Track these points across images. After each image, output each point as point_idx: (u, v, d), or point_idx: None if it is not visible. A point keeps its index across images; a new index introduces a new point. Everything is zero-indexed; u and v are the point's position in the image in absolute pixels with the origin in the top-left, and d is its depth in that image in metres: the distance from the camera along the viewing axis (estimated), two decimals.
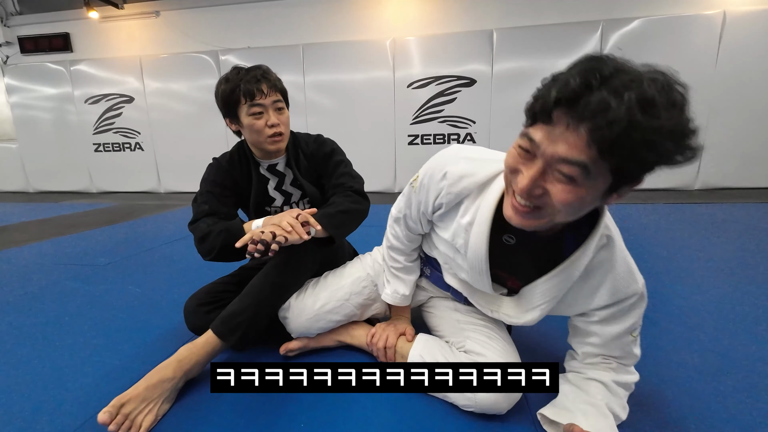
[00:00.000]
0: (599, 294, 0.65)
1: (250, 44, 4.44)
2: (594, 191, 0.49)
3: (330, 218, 0.94)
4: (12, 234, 2.70)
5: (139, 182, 5.03)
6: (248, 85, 0.97)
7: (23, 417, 0.78)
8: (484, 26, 3.98)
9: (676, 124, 0.43)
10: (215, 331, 0.85)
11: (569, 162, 0.47)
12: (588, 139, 0.44)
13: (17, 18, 4.88)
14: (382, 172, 4.40)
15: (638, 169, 0.47)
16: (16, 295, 1.48)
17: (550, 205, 0.51)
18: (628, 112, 0.42)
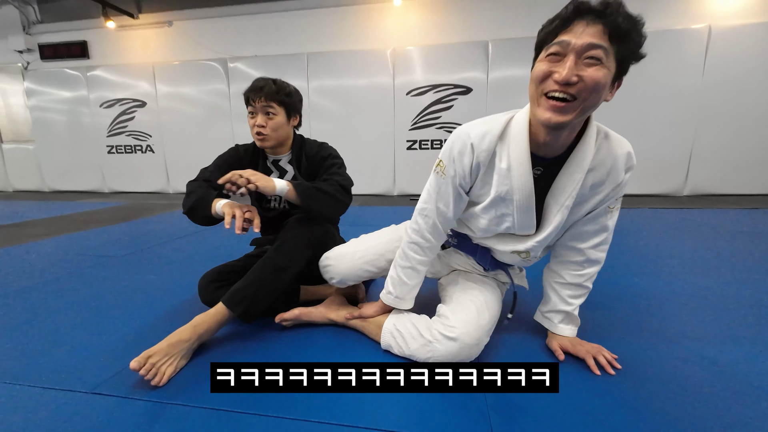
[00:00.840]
0: (603, 187, 0.83)
1: (257, 53, 4.66)
2: (609, 74, 0.68)
3: (304, 188, 1.08)
4: (33, 228, 2.90)
5: (149, 183, 5.25)
6: (249, 93, 1.21)
7: (69, 370, 0.95)
8: (480, 37, 4.17)
9: (640, 30, 0.68)
10: (224, 302, 1.01)
11: (595, 46, 0.65)
12: (604, 29, 0.65)
13: (39, 26, 5.15)
14: (382, 176, 4.57)
15: (629, 57, 0.69)
16: (47, 279, 1.66)
17: (583, 91, 0.67)
18: (628, 14, 0.66)
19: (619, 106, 3.94)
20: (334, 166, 1.24)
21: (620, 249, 2.03)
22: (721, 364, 0.93)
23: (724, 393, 0.82)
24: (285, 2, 4.52)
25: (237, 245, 2.16)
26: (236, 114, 4.77)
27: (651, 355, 0.98)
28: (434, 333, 0.91)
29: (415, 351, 0.93)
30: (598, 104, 0.72)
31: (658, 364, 0.94)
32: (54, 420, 0.77)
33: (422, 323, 0.96)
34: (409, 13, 4.35)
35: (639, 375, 0.89)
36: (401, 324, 0.98)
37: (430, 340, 0.91)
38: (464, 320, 0.91)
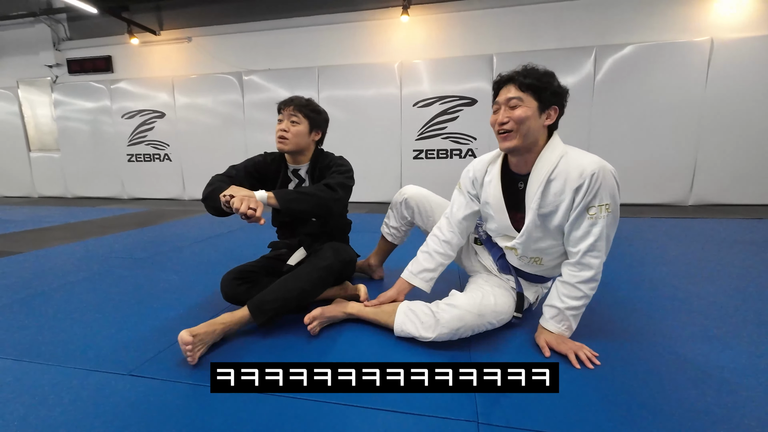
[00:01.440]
0: (563, 195, 1.01)
1: (270, 66, 4.87)
2: (531, 108, 1.00)
3: (285, 194, 1.17)
4: (60, 232, 3.09)
5: (166, 190, 5.47)
6: (281, 103, 1.39)
7: (108, 355, 1.08)
8: (485, 51, 4.30)
9: (550, 79, 1.02)
10: (250, 309, 1.13)
11: (512, 98, 1.01)
12: (515, 86, 1.02)
13: (67, 43, 5.47)
14: (389, 184, 4.70)
15: (545, 97, 1.00)
16: (77, 279, 1.81)
17: (515, 123, 1.00)
18: (531, 72, 1.01)
19: (623, 116, 4.04)
20: (334, 172, 1.34)
21: (612, 256, 2.10)
22: (691, 361, 1.01)
23: (689, 385, 0.90)
24: (297, 18, 4.74)
25: (250, 249, 2.30)
26: (249, 123, 4.97)
27: (629, 354, 1.06)
28: (440, 305, 1.11)
29: (425, 323, 1.09)
30: (537, 128, 1.02)
31: (632, 361, 1.02)
32: (98, 397, 0.89)
33: (432, 305, 1.13)
34: (416, 28, 4.52)
35: (618, 371, 0.97)
36: (414, 305, 1.15)
37: (436, 311, 1.09)
38: (468, 297, 1.13)
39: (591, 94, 4.10)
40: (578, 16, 4.13)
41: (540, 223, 1.06)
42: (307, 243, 1.42)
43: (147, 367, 1.01)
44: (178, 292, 1.61)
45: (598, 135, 4.17)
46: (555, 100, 1.02)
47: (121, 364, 1.02)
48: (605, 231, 0.99)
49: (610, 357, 1.03)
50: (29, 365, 1.03)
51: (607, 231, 1.00)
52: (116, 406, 0.85)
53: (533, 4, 4.19)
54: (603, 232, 0.99)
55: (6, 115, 5.82)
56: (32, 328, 1.27)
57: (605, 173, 0.96)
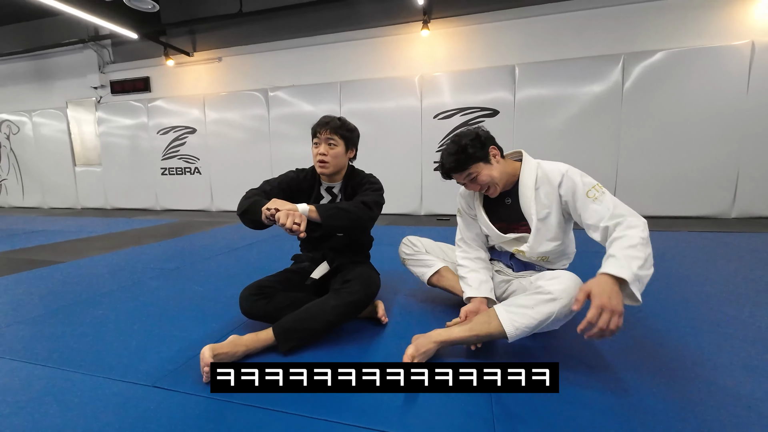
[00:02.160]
0: (551, 194, 1.18)
1: (294, 82, 5.05)
2: (486, 168, 1.21)
3: (326, 209, 1.20)
4: (98, 243, 3.28)
5: (195, 201, 5.73)
6: (316, 127, 1.39)
7: (135, 365, 1.12)
8: (507, 62, 4.27)
9: (463, 145, 1.19)
10: (276, 335, 1.14)
11: (467, 177, 1.23)
12: (457, 173, 1.23)
13: (111, 66, 5.92)
14: (409, 196, 4.70)
15: (476, 155, 1.19)
16: (112, 288, 1.91)
17: (485, 184, 1.22)
18: (450, 161, 1.21)
19: (654, 125, 3.87)
20: (367, 189, 1.38)
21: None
22: (730, 392, 0.93)
23: (727, 418, 0.83)
24: (320, 36, 4.90)
25: (274, 261, 2.35)
26: (274, 137, 5.14)
27: (659, 379, 0.99)
28: (538, 285, 1.05)
29: (535, 305, 1.00)
30: (500, 170, 1.24)
31: (662, 388, 0.95)
32: (123, 408, 0.92)
33: (528, 293, 1.06)
34: (436, 42, 4.56)
35: (646, 396, 0.91)
36: (506, 303, 1.07)
37: (540, 288, 1.03)
38: (552, 272, 1.14)
39: (620, 102, 3.96)
40: (604, 23, 4.03)
41: (541, 226, 1.20)
42: (330, 257, 1.44)
43: (170, 379, 1.04)
44: (203, 303, 1.66)
45: (628, 144, 4.01)
46: (486, 147, 1.20)
47: (147, 375, 1.06)
48: (614, 200, 1.09)
49: (639, 381, 0.96)
50: (64, 373, 1.09)
51: (614, 199, 1.09)
52: (139, 418, 0.88)
53: (556, 13, 4.13)
54: (613, 199, 1.09)
55: (56, 132, 6.32)
56: (68, 336, 1.35)
57: (573, 169, 1.18)
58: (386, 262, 1.83)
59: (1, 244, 3.26)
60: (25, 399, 0.97)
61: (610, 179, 4.11)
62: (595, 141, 4.09)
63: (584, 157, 4.12)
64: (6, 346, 1.28)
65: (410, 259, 1.57)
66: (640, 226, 1.00)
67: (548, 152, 4.14)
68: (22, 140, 6.60)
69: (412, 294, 1.70)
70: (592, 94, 4.02)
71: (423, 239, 1.61)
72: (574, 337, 1.04)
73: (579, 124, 4.09)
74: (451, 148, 1.21)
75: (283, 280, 1.39)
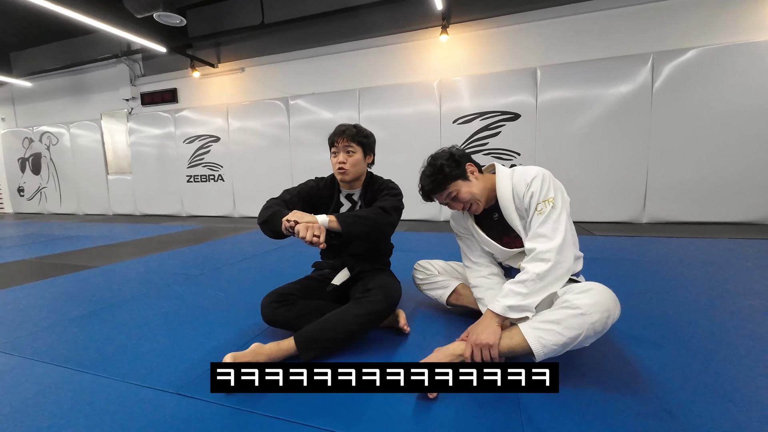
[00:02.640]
0: (525, 198, 1.16)
1: (314, 90, 5.13)
2: (465, 186, 1.22)
3: (345, 218, 1.20)
4: (129, 248, 3.41)
5: (219, 208, 5.88)
6: (334, 136, 1.40)
7: (160, 371, 1.14)
8: (528, 64, 4.19)
9: (440, 167, 1.23)
10: (297, 344, 1.13)
11: (448, 196, 1.25)
12: (437, 193, 1.26)
13: (141, 78, 6.21)
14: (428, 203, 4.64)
15: (454, 174, 1.22)
16: (139, 294, 1.97)
17: (467, 201, 1.23)
18: (428, 184, 1.26)
19: (687, 126, 3.69)
20: (386, 195, 1.38)
21: (682, 282, 1.87)
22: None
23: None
24: (339, 45, 4.97)
25: (295, 267, 2.36)
26: (294, 144, 5.23)
27: (697, 400, 0.91)
28: (566, 299, 0.97)
29: (564, 320, 0.94)
30: (479, 186, 1.25)
31: (700, 408, 0.87)
32: (148, 415, 0.93)
33: (553, 308, 1.00)
34: (455, 46, 4.53)
35: (680, 414, 0.84)
36: (531, 322, 1.00)
37: (568, 303, 0.96)
38: (585, 283, 1.05)
39: (649, 103, 3.79)
40: (631, 22, 3.89)
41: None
42: (351, 263, 1.43)
43: (193, 386, 1.05)
44: (227, 309, 1.68)
45: (659, 147, 3.83)
46: (462, 165, 1.23)
47: (170, 382, 1.07)
48: (558, 221, 1.08)
49: (676, 401, 0.89)
50: (93, 377, 1.12)
51: (558, 220, 1.08)
52: (163, 425, 0.89)
53: (579, 14, 4.03)
54: (556, 221, 1.08)
55: (91, 143, 6.67)
56: (98, 340, 1.39)
57: (538, 174, 1.14)
58: (407, 269, 1.80)
59: (39, 249, 3.44)
60: (54, 402, 0.99)
61: (639, 184, 3.93)
62: (623, 144, 3.92)
63: (611, 161, 3.96)
64: (41, 349, 1.33)
65: (425, 284, 1.56)
66: (545, 261, 1.04)
67: (573, 156, 4.01)
68: (60, 151, 7.00)
69: (434, 303, 1.66)
70: (619, 96, 3.87)
71: (434, 261, 1.60)
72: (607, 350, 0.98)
73: (605, 126, 3.94)
74: (427, 170, 1.25)
75: (303, 287, 1.39)
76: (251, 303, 1.72)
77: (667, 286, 1.84)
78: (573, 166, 4.03)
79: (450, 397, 0.96)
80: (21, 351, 1.32)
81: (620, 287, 1.82)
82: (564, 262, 1.05)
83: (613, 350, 1.19)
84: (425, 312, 1.59)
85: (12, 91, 7.41)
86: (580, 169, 4.04)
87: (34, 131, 7.21)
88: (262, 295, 1.37)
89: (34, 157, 7.30)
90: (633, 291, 1.78)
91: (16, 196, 7.70)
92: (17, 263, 2.86)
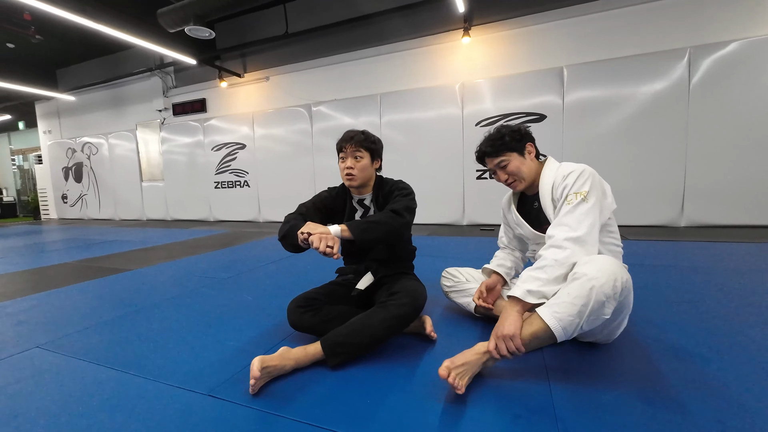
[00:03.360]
0: (558, 188, 1.19)
1: (336, 97, 5.20)
2: (516, 159, 1.27)
3: (357, 224, 1.21)
4: (160, 252, 3.56)
5: (244, 213, 6.05)
6: (342, 142, 1.43)
7: (193, 372, 1.17)
8: (554, 64, 4.08)
9: (503, 133, 1.29)
10: (324, 350, 1.14)
11: (498, 162, 1.30)
12: (491, 157, 1.30)
13: (173, 90, 6.52)
14: (451, 206, 4.59)
15: (512, 145, 1.26)
16: (172, 296, 2.04)
17: (512, 175, 1.29)
18: (486, 144, 1.31)
19: (728, 123, 3.47)
20: (397, 196, 1.38)
21: (729, 290, 1.74)
22: None
23: None
24: (361, 51, 5.03)
25: (319, 272, 2.39)
26: (317, 149, 5.32)
27: (755, 429, 0.83)
28: (574, 271, 1.00)
29: (576, 291, 0.94)
30: (529, 167, 1.28)
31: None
32: (181, 416, 0.95)
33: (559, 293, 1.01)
34: (478, 48, 4.47)
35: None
36: (547, 303, 0.99)
37: (573, 275, 0.98)
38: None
39: (686, 100, 3.60)
40: (664, 16, 3.71)
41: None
42: (374, 268, 1.42)
43: (224, 388, 1.07)
44: (254, 312, 1.71)
45: (697, 146, 3.62)
46: (523, 141, 1.27)
47: (202, 384, 1.10)
48: (584, 215, 1.08)
49: (732, 422, 0.82)
50: (129, 377, 1.16)
51: (586, 213, 1.08)
52: (196, 427, 0.90)
53: (607, 10, 3.89)
54: (581, 214, 1.08)
55: (127, 152, 7.05)
56: (134, 341, 1.44)
57: (580, 169, 1.16)
58: (429, 274, 1.77)
59: (80, 253, 3.64)
60: (97, 400, 1.04)
61: (677, 186, 3.72)
62: (658, 144, 3.73)
63: (645, 162, 3.77)
64: (81, 348, 1.40)
65: (452, 291, 1.56)
66: (562, 249, 1.05)
67: (603, 157, 3.86)
68: (99, 160, 7.44)
69: (460, 308, 1.62)
70: (653, 93, 3.69)
71: (462, 269, 1.60)
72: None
73: (638, 126, 3.77)
74: (491, 134, 1.31)
75: (328, 292, 1.39)
76: (277, 306, 1.75)
77: (711, 295, 1.72)
78: (603, 167, 3.80)
79: (482, 408, 0.93)
80: (65, 350, 1.39)
81: (659, 295, 1.73)
82: (581, 255, 1.03)
83: (656, 362, 1.12)
84: (452, 318, 1.56)
85: (58, 105, 7.96)
86: (611, 171, 3.87)
87: (77, 142, 7.70)
88: (287, 298, 1.39)
89: (77, 166, 7.79)
90: (674, 300, 1.68)
91: (60, 202, 8.23)
92: (62, 266, 3.05)
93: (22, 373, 1.22)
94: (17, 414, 0.99)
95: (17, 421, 0.96)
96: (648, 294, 1.76)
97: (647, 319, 1.45)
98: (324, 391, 1.03)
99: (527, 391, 1.00)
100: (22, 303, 2.02)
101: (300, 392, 1.03)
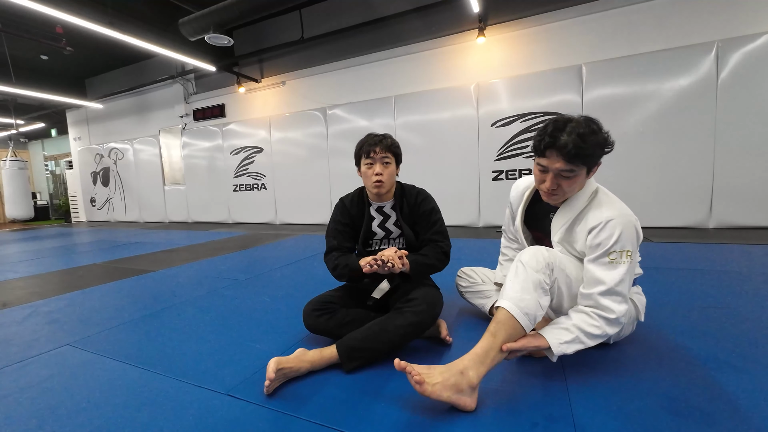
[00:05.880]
0: (580, 234, 1.08)
1: (351, 99, 5.25)
2: (581, 177, 1.04)
3: (418, 265, 1.30)
4: (182, 254, 3.67)
5: (262, 215, 6.17)
6: (369, 147, 1.36)
7: (213, 371, 1.20)
8: (572, 62, 3.98)
9: (597, 140, 0.99)
10: (340, 354, 1.14)
11: (564, 170, 1.02)
12: (564, 159, 0.99)
13: (194, 96, 6.73)
14: (467, 207, 4.55)
15: (592, 161, 1.01)
16: (194, 297, 2.10)
17: (561, 189, 1.06)
18: (574, 142, 0.96)
19: (760, 120, 3.29)
20: (437, 224, 1.40)
21: (761, 297, 1.65)
22: None
23: None
24: (375, 54, 5.06)
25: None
26: (332, 152, 5.37)
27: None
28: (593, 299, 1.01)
29: (591, 329, 0.99)
30: (581, 185, 1.09)
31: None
32: (201, 415, 0.98)
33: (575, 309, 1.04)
34: (493, 48, 4.42)
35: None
36: (559, 326, 1.01)
37: (595, 306, 1.01)
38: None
39: (714, 96, 3.45)
40: (690, 9, 3.58)
41: (562, 248, 1.15)
42: (390, 276, 1.42)
43: (242, 388, 1.09)
44: (272, 313, 1.75)
45: (727, 144, 3.46)
46: (600, 158, 1.03)
47: (221, 383, 1.12)
48: (626, 277, 1.00)
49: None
50: (152, 375, 1.21)
51: (628, 277, 1.01)
52: (215, 426, 0.93)
53: (628, 5, 3.77)
54: (623, 274, 0.99)
55: (151, 156, 7.31)
56: (158, 341, 1.49)
57: (625, 221, 1.01)
58: (446, 276, 1.76)
59: (107, 254, 3.80)
60: (122, 397, 1.08)
61: (705, 187, 3.57)
62: (684, 142, 3.59)
63: (671, 161, 3.63)
64: (108, 346, 1.46)
65: (468, 292, 1.54)
66: (617, 325, 1.01)
67: (625, 157, 3.73)
68: (125, 164, 7.75)
69: (476, 311, 1.61)
70: (679, 90, 3.55)
71: (478, 269, 1.57)
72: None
73: (662, 123, 3.63)
74: (583, 128, 0.96)
75: (344, 295, 1.40)
76: (294, 308, 1.78)
77: (742, 301, 1.64)
78: (625, 167, 3.75)
79: (497, 415, 0.92)
80: (94, 347, 1.45)
81: (686, 301, 1.66)
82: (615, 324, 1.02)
83: (683, 370, 1.08)
84: (467, 320, 1.54)
85: (86, 113, 8.35)
86: (634, 170, 3.75)
87: (104, 148, 8.05)
88: (303, 300, 1.41)
89: (104, 171, 8.14)
90: (702, 305, 1.61)
91: (88, 206, 8.62)
92: (90, 266, 3.19)
93: (54, 369, 1.29)
94: (53, 408, 1.04)
95: (56, 414, 1.01)
96: (675, 299, 1.69)
97: (673, 326, 1.39)
98: (338, 394, 1.04)
99: (545, 397, 0.98)
100: (55, 302, 2.12)
101: (315, 394, 1.04)
